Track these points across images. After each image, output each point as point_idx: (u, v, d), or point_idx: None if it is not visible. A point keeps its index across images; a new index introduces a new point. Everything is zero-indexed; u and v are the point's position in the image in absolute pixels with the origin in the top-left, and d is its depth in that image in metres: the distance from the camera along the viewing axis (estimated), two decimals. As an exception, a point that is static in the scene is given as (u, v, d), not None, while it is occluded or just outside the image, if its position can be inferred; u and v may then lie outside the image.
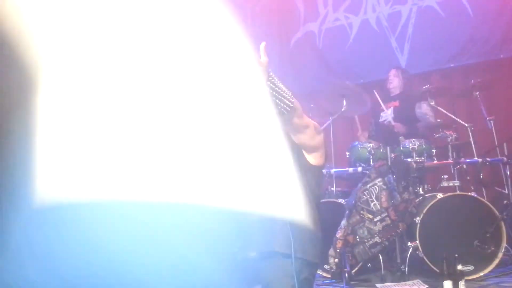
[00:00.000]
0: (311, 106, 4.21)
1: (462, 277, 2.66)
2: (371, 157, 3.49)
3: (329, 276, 3.18)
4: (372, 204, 3.17)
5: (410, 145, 3.48)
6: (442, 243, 3.01)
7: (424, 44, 4.93)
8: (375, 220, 3.14)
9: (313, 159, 2.06)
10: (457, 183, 3.38)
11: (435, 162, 3.47)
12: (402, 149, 3.49)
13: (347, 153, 3.75)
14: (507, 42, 4.50)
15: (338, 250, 3.05)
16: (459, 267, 2.66)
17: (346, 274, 2.94)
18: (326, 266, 3.18)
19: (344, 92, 3.83)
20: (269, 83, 1.80)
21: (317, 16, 5.53)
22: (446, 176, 3.47)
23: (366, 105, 3.91)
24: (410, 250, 3.08)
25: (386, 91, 4.30)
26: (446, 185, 3.42)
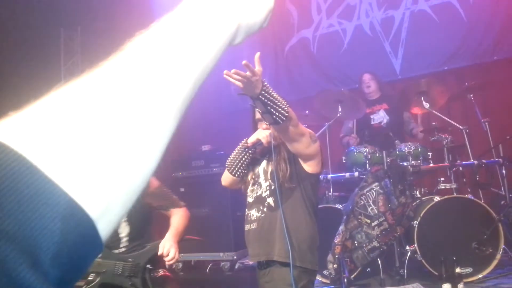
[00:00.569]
0: (306, 112, 4.22)
1: (461, 279, 2.66)
2: (368, 161, 3.50)
3: (328, 281, 3.17)
4: (369, 208, 3.17)
5: (406, 148, 3.48)
6: (440, 246, 3.01)
7: (418, 48, 4.96)
8: (373, 224, 3.14)
9: (309, 167, 2.06)
10: (454, 186, 3.39)
11: (432, 165, 3.48)
12: (398, 153, 3.50)
13: (344, 158, 3.76)
14: (500, 44, 4.54)
15: (337, 256, 3.05)
16: (458, 270, 2.66)
17: (345, 280, 2.94)
18: (325, 272, 3.18)
19: (339, 98, 3.84)
20: (263, 93, 1.81)
21: (310, 22, 5.56)
22: (442, 178, 3.47)
23: (362, 110, 3.93)
24: (409, 254, 3.08)
25: (362, 95, 4.27)
26: (443, 187, 3.43)
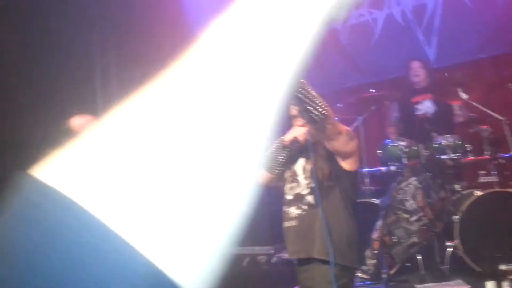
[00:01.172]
0: (338, 105, 4.18)
1: (506, 276, 2.61)
2: (404, 155, 3.44)
3: (367, 277, 3.16)
4: (407, 203, 3.14)
5: (444, 141, 3.41)
6: (483, 242, 2.96)
7: (451, 35, 4.82)
8: (412, 219, 3.10)
9: (347, 165, 2.06)
10: (495, 179, 3.30)
11: (471, 158, 3.40)
12: (435, 146, 3.42)
13: (379, 151, 3.71)
14: (539, 29, 4.37)
15: (376, 251, 3.03)
16: (502, 267, 2.61)
17: (385, 275, 2.92)
18: (364, 268, 3.17)
19: (372, 94, 3.78)
20: (301, 90, 1.80)
21: (340, 13, 5.48)
22: (483, 172, 3.39)
23: (398, 103, 3.86)
24: (450, 250, 3.03)
25: (409, 84, 4.17)
26: (484, 181, 3.35)
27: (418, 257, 3.07)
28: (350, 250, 2.06)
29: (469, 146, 3.43)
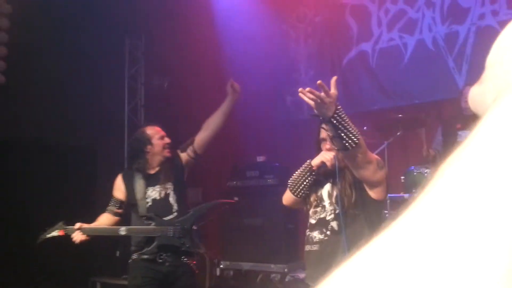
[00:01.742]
0: (364, 128, 4.17)
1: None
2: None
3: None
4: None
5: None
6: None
7: (483, 64, 4.77)
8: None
9: (374, 194, 2.06)
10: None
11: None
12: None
13: (402, 177, 3.69)
14: None
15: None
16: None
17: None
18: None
19: (399, 117, 3.77)
20: (336, 116, 1.82)
21: (370, 36, 5.50)
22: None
23: (423, 128, 3.84)
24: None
25: (457, 110, 4.10)
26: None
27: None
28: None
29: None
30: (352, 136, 1.84)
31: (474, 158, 0.26)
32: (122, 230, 2.74)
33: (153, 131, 2.98)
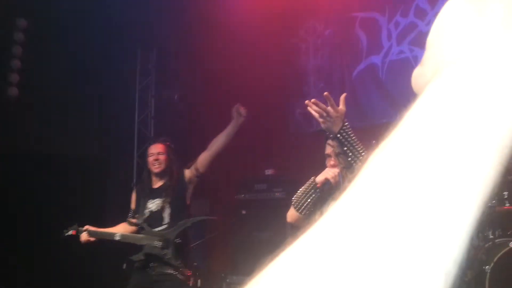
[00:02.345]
0: (373, 142, 4.14)
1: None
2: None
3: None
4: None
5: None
6: (516, 297, 2.83)
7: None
8: (441, 266, 3.01)
9: None
10: (532, 230, 3.17)
11: (507, 206, 3.28)
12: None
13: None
14: None
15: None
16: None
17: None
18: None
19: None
20: (342, 132, 1.81)
21: (380, 48, 5.49)
22: (520, 221, 3.26)
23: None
24: (480, 301, 2.91)
25: None
26: (520, 231, 3.22)
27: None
28: None
29: (505, 193, 3.32)
30: (357, 153, 1.83)
31: (398, 149, 0.26)
32: (117, 236, 3.02)
33: (150, 149, 3.26)
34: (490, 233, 3.26)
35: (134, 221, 3.13)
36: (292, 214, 2.28)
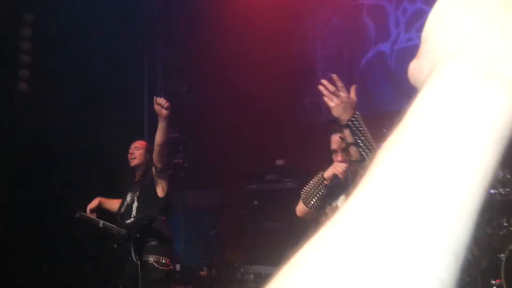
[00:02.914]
0: (384, 131, 4.15)
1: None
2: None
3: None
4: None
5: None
6: (531, 283, 2.85)
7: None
8: (456, 253, 3.03)
9: None
10: (546, 217, 3.17)
11: (521, 194, 3.29)
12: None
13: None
14: None
15: None
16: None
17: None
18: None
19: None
20: (354, 121, 1.81)
21: (388, 36, 5.45)
22: (534, 208, 3.26)
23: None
24: (495, 288, 2.94)
25: None
26: (534, 218, 3.23)
27: (461, 293, 2.99)
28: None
29: (519, 181, 3.32)
30: (369, 144, 1.83)
31: (405, 146, 0.28)
32: (101, 223, 3.29)
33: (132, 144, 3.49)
34: (504, 220, 3.28)
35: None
36: (301, 208, 2.29)
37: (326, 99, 1.77)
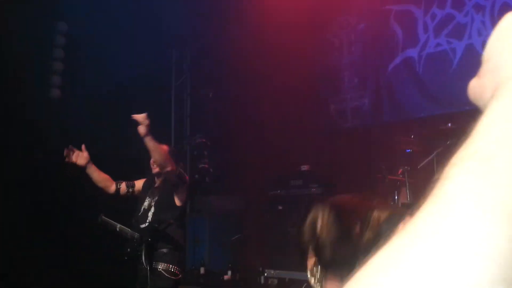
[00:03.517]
0: (412, 137, 4.09)
1: None
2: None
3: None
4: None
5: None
6: None
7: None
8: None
9: None
10: None
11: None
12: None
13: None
14: None
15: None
16: None
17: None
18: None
19: (449, 122, 3.67)
20: None
21: (416, 41, 5.38)
22: None
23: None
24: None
25: None
26: None
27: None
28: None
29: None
30: None
31: (477, 161, 0.28)
32: (118, 227, 3.28)
33: None
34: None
35: (124, 190, 3.54)
36: None
37: None
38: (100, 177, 3.45)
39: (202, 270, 5.26)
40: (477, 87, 0.37)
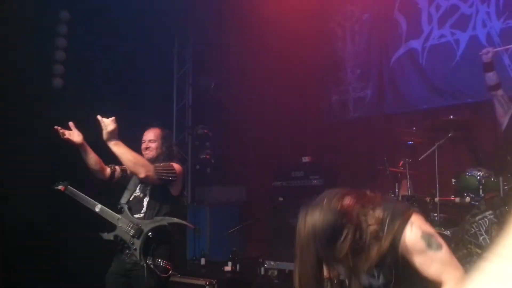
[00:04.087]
0: (413, 129, 4.06)
1: None
2: (481, 186, 3.27)
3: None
4: (481, 238, 2.97)
5: (527, 175, 3.19)
6: None
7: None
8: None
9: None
10: None
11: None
12: (516, 179, 3.22)
13: (453, 180, 3.56)
14: None
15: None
16: None
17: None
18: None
19: (452, 115, 3.64)
20: None
21: (420, 32, 5.33)
22: None
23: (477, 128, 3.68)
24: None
25: None
26: None
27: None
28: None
29: (555, 182, 3.19)
30: None
31: None
32: (97, 208, 2.96)
33: (144, 134, 3.17)
34: None
35: (116, 173, 3.12)
36: None
37: None
38: (95, 158, 3.09)
39: (202, 261, 5.29)
40: None
